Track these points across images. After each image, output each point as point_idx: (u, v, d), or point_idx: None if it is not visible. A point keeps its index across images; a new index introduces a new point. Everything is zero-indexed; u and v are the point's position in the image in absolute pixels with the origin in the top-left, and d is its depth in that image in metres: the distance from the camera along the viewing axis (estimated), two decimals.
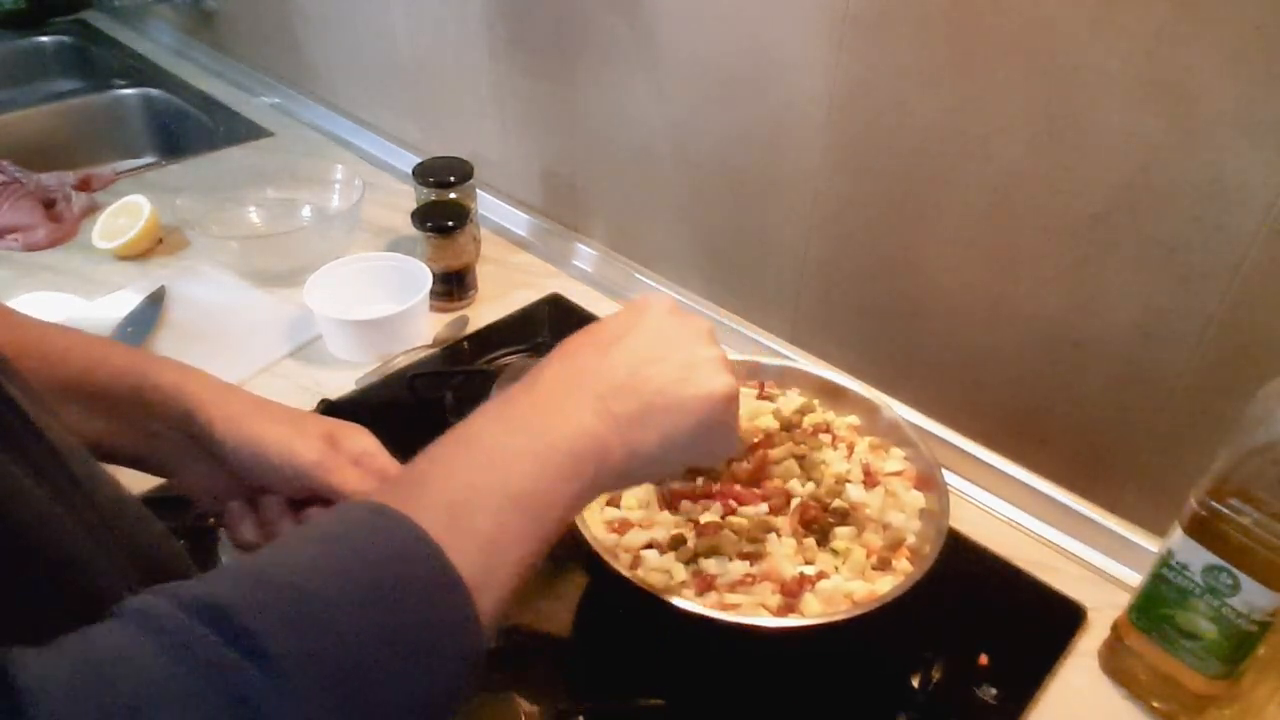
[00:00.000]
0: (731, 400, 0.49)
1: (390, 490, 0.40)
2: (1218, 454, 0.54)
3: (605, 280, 1.06)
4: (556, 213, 1.14)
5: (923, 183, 0.74)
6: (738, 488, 0.66)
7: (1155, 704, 0.61)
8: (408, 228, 1.00)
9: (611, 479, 0.45)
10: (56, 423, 0.39)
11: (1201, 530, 0.55)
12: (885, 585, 0.60)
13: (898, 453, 0.71)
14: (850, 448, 0.71)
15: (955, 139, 0.71)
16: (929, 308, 0.79)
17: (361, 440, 0.59)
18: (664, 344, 0.48)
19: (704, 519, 0.64)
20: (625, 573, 0.58)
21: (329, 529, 0.36)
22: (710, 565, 0.61)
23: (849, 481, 0.67)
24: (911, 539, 0.64)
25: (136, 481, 0.62)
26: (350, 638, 0.31)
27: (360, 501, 0.38)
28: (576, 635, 0.66)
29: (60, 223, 1.12)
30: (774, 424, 0.71)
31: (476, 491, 0.39)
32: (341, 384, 0.89)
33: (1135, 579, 0.68)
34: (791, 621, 0.57)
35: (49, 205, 1.14)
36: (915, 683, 0.63)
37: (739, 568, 0.60)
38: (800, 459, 0.68)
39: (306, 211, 1.15)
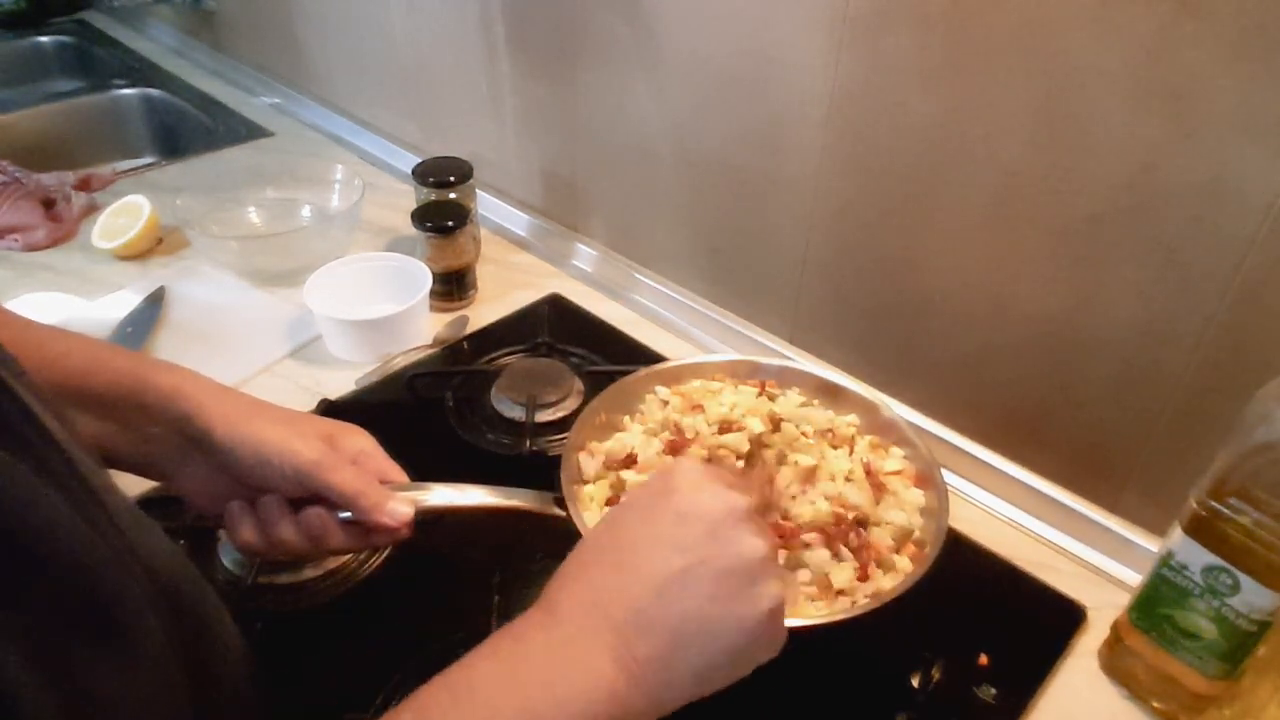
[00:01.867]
0: (779, 613, 0.43)
1: None
2: (1218, 454, 0.54)
3: (605, 280, 1.06)
4: (556, 213, 1.14)
5: (922, 182, 0.74)
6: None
7: (1155, 704, 0.61)
8: (408, 228, 1.00)
9: (635, 717, 0.40)
10: (70, 430, 0.39)
11: (1201, 530, 0.55)
12: (885, 585, 0.60)
13: (898, 452, 0.71)
14: (851, 447, 0.71)
15: (955, 139, 0.71)
16: (929, 307, 0.79)
17: (359, 440, 0.60)
18: (694, 543, 0.42)
19: None
20: None
21: None
22: None
23: (850, 480, 0.67)
24: (917, 533, 0.64)
25: (133, 485, 0.63)
26: None
27: None
28: None
29: (60, 223, 1.12)
30: (761, 427, 0.71)
31: None
32: (341, 384, 0.89)
33: (1135, 579, 0.68)
34: (790, 622, 0.57)
35: (49, 205, 1.14)
36: (915, 683, 0.63)
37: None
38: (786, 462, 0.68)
39: (306, 211, 1.15)
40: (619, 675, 0.39)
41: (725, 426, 0.71)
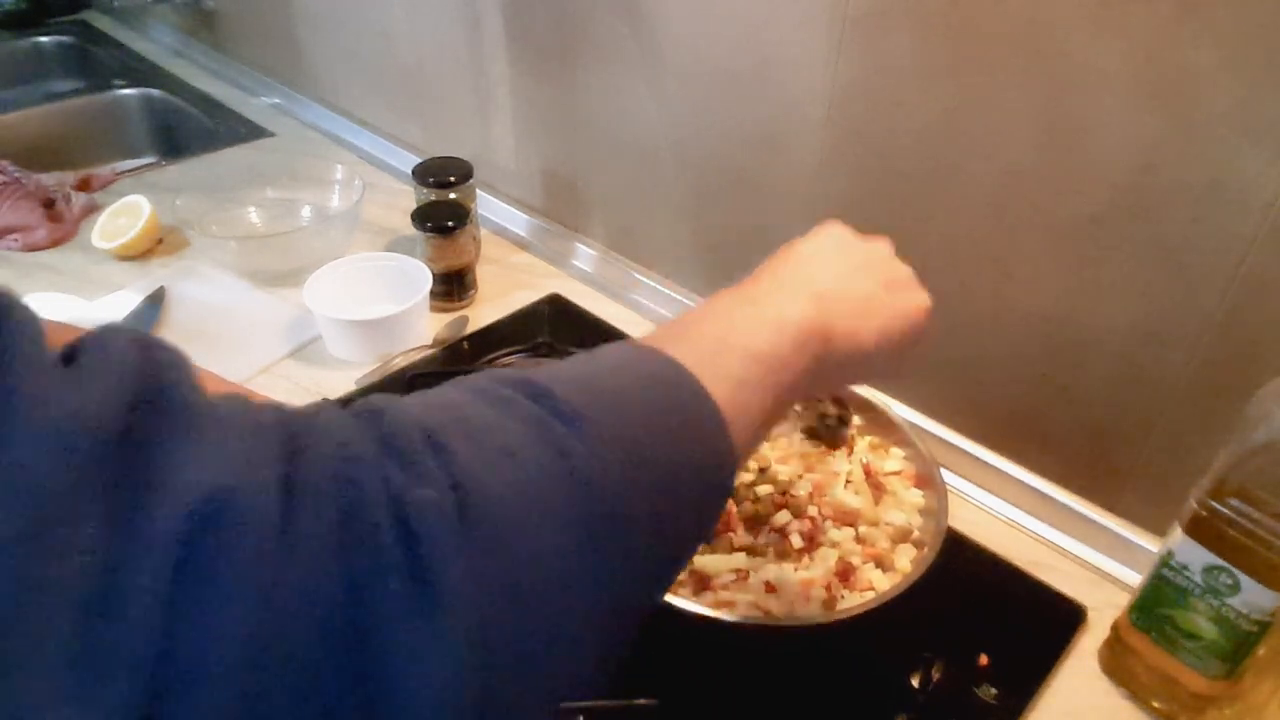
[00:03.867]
0: (929, 312, 0.53)
1: (660, 338, 0.42)
2: (1218, 454, 0.54)
3: (605, 280, 1.06)
4: (556, 213, 1.14)
5: (922, 182, 0.74)
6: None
7: (1155, 704, 0.61)
8: (408, 228, 1.00)
9: (833, 364, 0.46)
10: None
11: (1201, 530, 0.55)
12: (885, 584, 0.60)
13: (898, 452, 0.71)
14: (850, 447, 0.71)
15: (955, 139, 0.71)
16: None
17: None
18: (860, 260, 0.51)
19: None
20: None
21: (597, 355, 0.39)
22: (706, 564, 0.61)
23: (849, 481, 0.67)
24: (916, 533, 0.64)
25: None
26: (638, 420, 0.35)
27: (644, 348, 0.40)
28: None
29: (60, 223, 1.12)
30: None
31: (723, 345, 0.42)
32: (341, 384, 0.89)
33: (1135, 579, 0.68)
34: (790, 621, 0.57)
35: (49, 205, 1.14)
36: (915, 683, 0.63)
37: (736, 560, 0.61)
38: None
39: (306, 211, 1.15)
40: (819, 312, 0.46)
41: None
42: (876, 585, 0.60)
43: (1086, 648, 0.66)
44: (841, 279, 0.49)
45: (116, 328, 0.29)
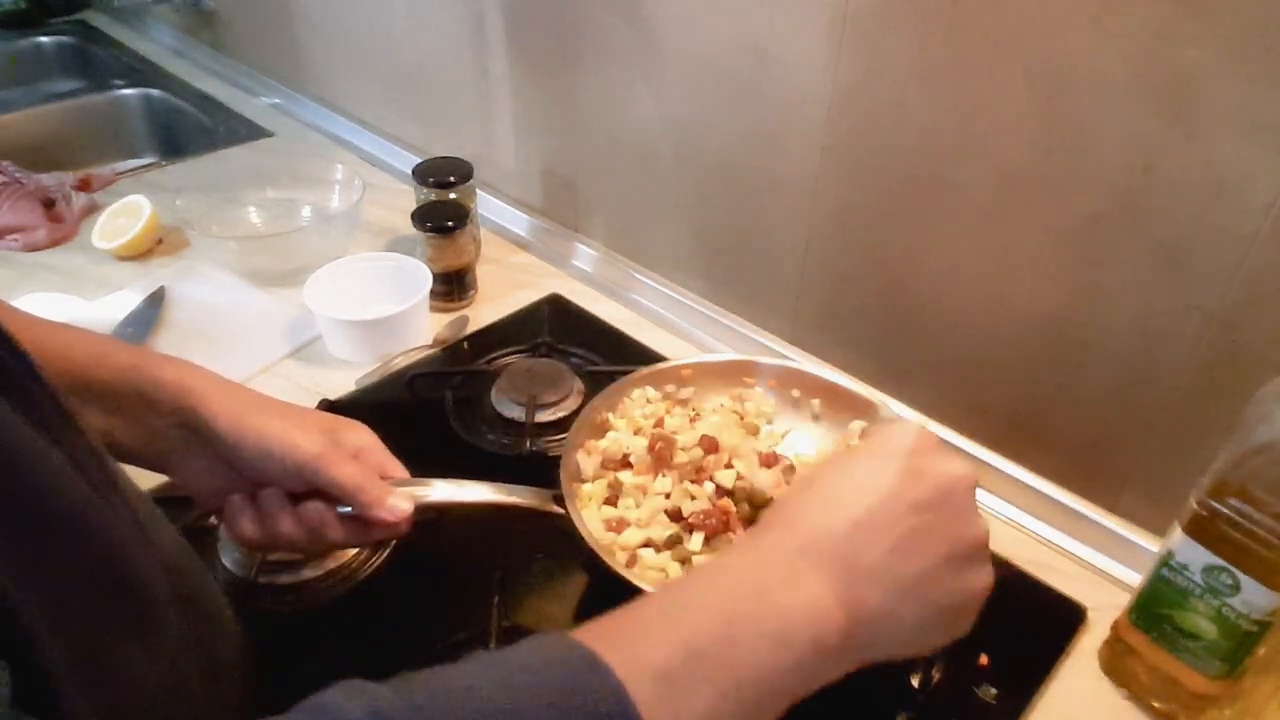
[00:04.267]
0: (987, 596, 0.43)
1: (614, 630, 0.36)
2: (1218, 454, 0.54)
3: (605, 280, 1.06)
4: (556, 213, 1.14)
5: (922, 182, 0.74)
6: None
7: (1155, 704, 0.61)
8: (408, 228, 1.00)
9: (831, 673, 0.39)
10: (84, 421, 0.39)
11: (1201, 530, 0.55)
12: None
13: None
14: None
15: (955, 139, 0.71)
16: (929, 307, 0.79)
17: (360, 435, 0.60)
18: (930, 504, 0.41)
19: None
20: (623, 572, 0.58)
21: (529, 666, 0.33)
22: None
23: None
24: None
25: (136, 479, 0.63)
26: None
27: (576, 643, 0.34)
28: None
29: (60, 223, 1.12)
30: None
31: (702, 664, 0.34)
32: (341, 384, 0.89)
33: (1135, 579, 0.68)
34: None
35: (49, 205, 1.14)
36: (915, 683, 0.63)
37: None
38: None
39: (306, 211, 1.15)
40: (843, 618, 0.38)
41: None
42: None
43: (1086, 648, 0.66)
44: (894, 550, 0.39)
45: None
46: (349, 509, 0.56)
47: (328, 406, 0.84)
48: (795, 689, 0.37)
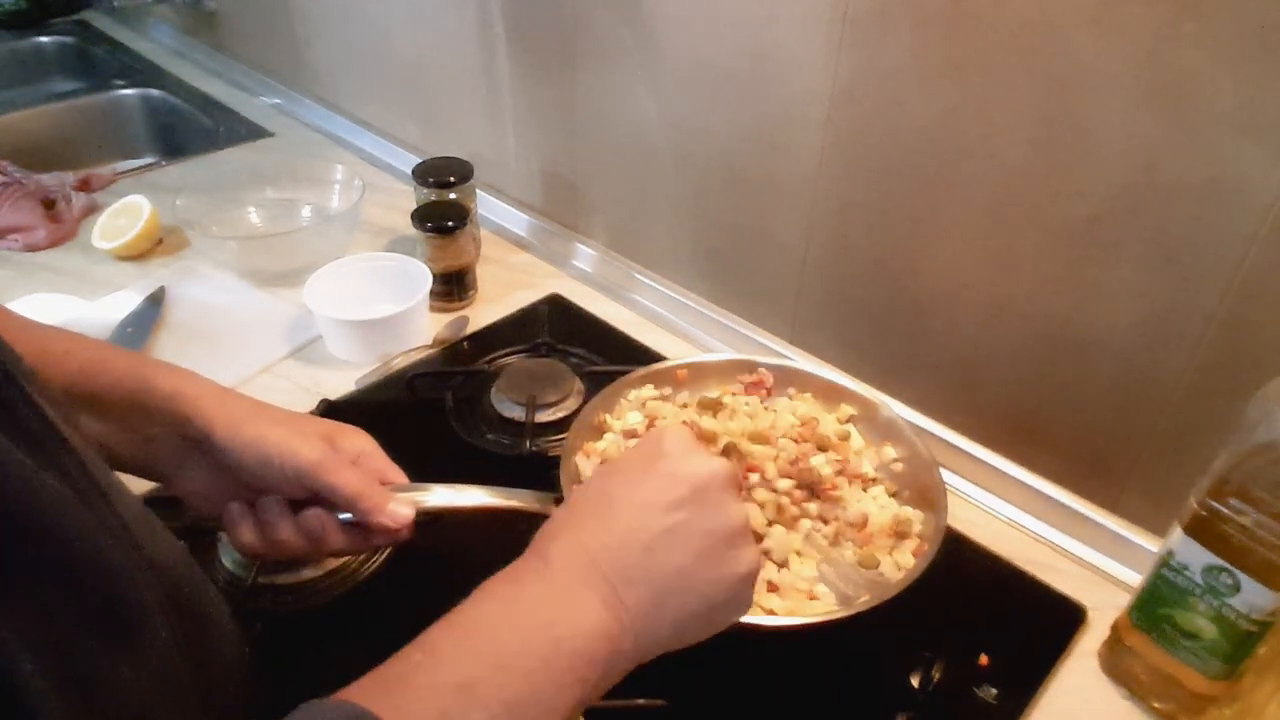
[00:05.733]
0: (753, 579, 0.45)
1: (376, 687, 0.37)
2: (1218, 454, 0.54)
3: (605, 280, 1.06)
4: (556, 213, 1.14)
5: (922, 182, 0.74)
6: None
7: (1155, 704, 0.61)
8: (408, 228, 1.00)
9: (615, 676, 0.41)
10: (75, 430, 0.39)
11: (1201, 530, 0.55)
12: (884, 583, 0.60)
13: (889, 452, 0.71)
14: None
15: (955, 139, 0.71)
16: (929, 307, 0.79)
17: (359, 441, 0.60)
18: (682, 503, 0.44)
19: None
20: None
21: None
22: None
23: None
24: (919, 526, 0.64)
25: (133, 486, 0.63)
26: None
27: (337, 706, 0.34)
28: None
29: (60, 223, 1.12)
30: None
31: (469, 696, 0.36)
32: (341, 384, 0.89)
33: (1135, 579, 0.68)
34: (791, 621, 0.57)
35: (49, 205, 1.14)
36: (915, 683, 0.63)
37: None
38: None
39: (306, 211, 1.15)
40: (611, 620, 0.41)
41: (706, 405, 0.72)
42: (877, 581, 0.60)
43: (1086, 648, 0.66)
44: (649, 547, 0.42)
45: None
46: (349, 515, 0.55)
47: (327, 407, 0.84)
48: (574, 701, 0.39)
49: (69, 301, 0.98)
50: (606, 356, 0.92)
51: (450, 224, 0.97)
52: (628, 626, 0.41)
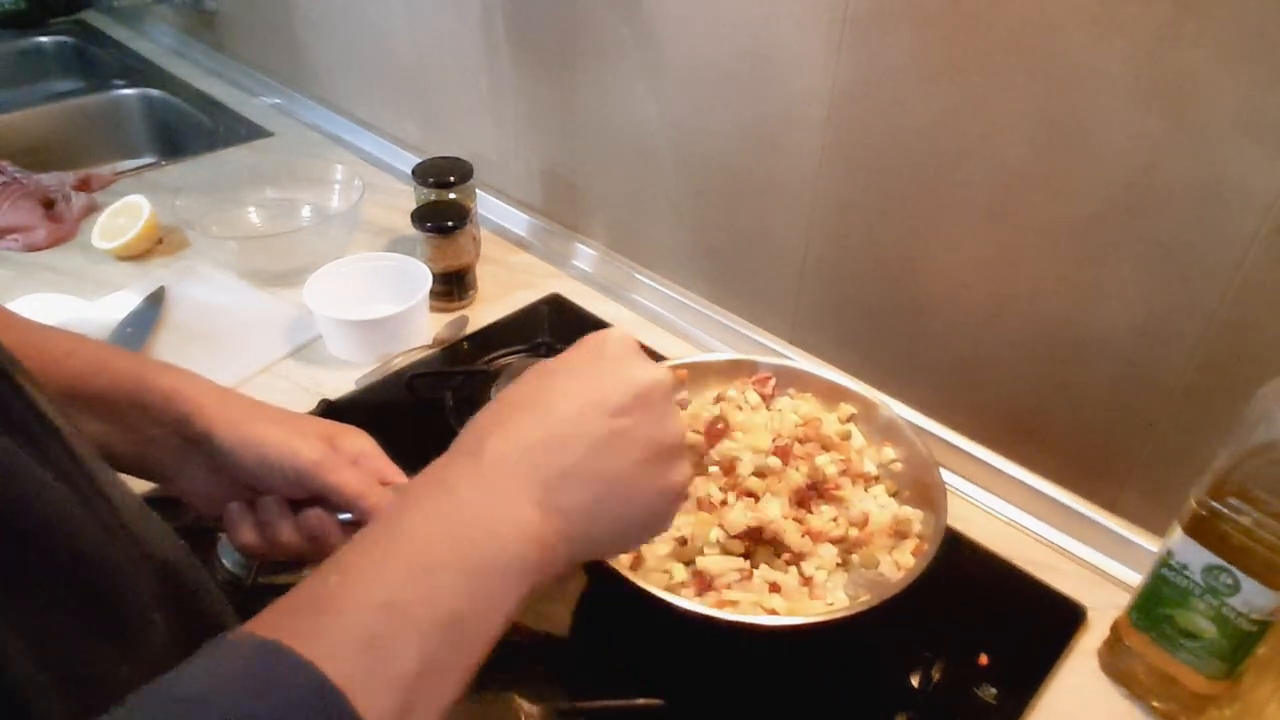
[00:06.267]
0: (684, 493, 0.45)
1: (297, 612, 0.33)
2: (1218, 454, 0.54)
3: (605, 280, 1.06)
4: (556, 213, 1.14)
5: (922, 182, 0.74)
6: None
7: (1155, 704, 0.61)
8: (408, 228, 1.00)
9: (548, 580, 0.40)
10: (73, 427, 0.39)
11: (1201, 530, 0.55)
12: (884, 583, 0.60)
13: (889, 453, 0.71)
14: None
15: (955, 139, 0.71)
16: (929, 307, 0.79)
17: (359, 441, 0.59)
18: (627, 408, 0.42)
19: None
20: (625, 573, 0.58)
21: (200, 680, 0.30)
22: (709, 565, 0.61)
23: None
24: (919, 526, 0.64)
25: (132, 486, 0.63)
26: None
27: (251, 637, 0.31)
28: (576, 635, 0.66)
29: (60, 223, 1.12)
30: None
31: (398, 615, 0.33)
32: (341, 384, 0.89)
33: (1135, 579, 0.68)
34: (791, 620, 0.57)
35: (49, 205, 1.14)
36: (915, 683, 0.63)
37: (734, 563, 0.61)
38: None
39: (306, 211, 1.15)
40: (545, 525, 0.39)
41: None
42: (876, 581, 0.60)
43: (1086, 648, 0.66)
44: (588, 451, 0.40)
45: None
46: (349, 516, 0.55)
47: (327, 406, 0.84)
48: (509, 613, 0.37)
49: (69, 301, 0.98)
50: None
51: (450, 224, 0.97)
52: (563, 531, 0.40)
